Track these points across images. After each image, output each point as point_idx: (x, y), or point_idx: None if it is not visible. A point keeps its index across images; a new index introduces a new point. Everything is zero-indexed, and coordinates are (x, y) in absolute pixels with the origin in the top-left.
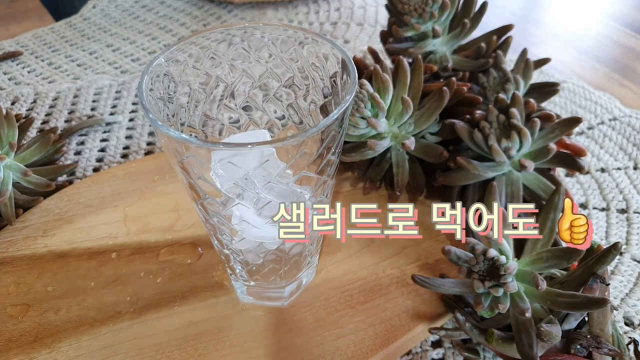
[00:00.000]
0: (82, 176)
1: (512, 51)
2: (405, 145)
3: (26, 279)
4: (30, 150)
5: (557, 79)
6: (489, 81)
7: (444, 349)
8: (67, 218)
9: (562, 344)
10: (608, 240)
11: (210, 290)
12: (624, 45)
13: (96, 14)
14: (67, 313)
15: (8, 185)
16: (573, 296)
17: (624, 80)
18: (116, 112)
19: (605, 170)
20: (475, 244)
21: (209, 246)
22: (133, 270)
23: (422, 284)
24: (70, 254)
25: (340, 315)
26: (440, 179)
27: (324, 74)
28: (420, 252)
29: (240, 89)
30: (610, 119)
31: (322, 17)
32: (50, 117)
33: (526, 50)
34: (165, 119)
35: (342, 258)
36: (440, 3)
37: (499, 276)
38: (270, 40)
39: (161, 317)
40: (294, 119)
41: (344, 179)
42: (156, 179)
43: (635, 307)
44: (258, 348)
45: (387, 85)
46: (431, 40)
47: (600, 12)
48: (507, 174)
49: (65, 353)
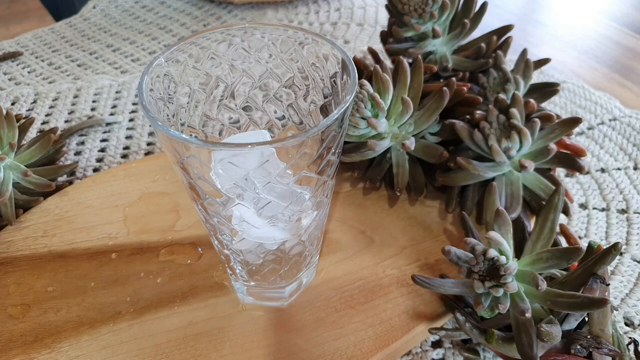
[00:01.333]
0: (82, 176)
1: (512, 51)
2: (405, 145)
3: (26, 279)
4: (30, 150)
5: (557, 79)
6: (489, 81)
7: (444, 349)
8: (67, 218)
9: (562, 344)
10: (608, 240)
11: (210, 290)
12: (624, 46)
13: (96, 14)
14: (67, 313)
15: (8, 185)
16: (573, 296)
17: (623, 80)
18: (116, 113)
19: (605, 170)
20: (475, 244)
21: (209, 246)
22: (133, 271)
23: (422, 284)
24: (71, 254)
25: (340, 316)
26: (440, 179)
27: (324, 74)
28: (420, 252)
29: (240, 89)
30: (610, 119)
31: (322, 18)
32: (50, 117)
33: (526, 50)
34: (165, 119)
35: (342, 258)
36: (440, 3)
37: (499, 276)
38: (270, 40)
39: (161, 318)
40: (294, 119)
41: (344, 180)
42: (156, 179)
43: (635, 308)
44: (258, 348)
45: (387, 86)
46: (431, 40)
47: (600, 12)
48: (507, 174)
49: (66, 353)
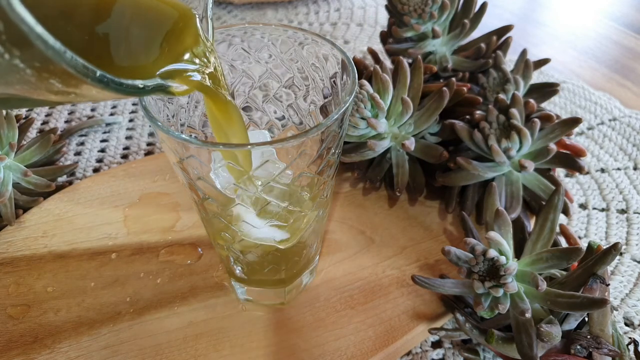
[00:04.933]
0: (82, 177)
1: (512, 51)
2: (405, 145)
3: (26, 280)
4: (30, 150)
5: (557, 79)
6: (488, 81)
7: (444, 349)
8: (67, 218)
9: (562, 345)
10: (608, 240)
11: (210, 290)
12: (624, 46)
13: None
14: (67, 314)
15: (8, 185)
16: (573, 296)
17: (623, 80)
18: (116, 113)
19: (605, 170)
20: (475, 245)
21: (209, 247)
22: (133, 271)
23: (422, 284)
24: (70, 255)
25: (340, 316)
26: (440, 179)
27: (323, 75)
28: (420, 252)
29: (240, 89)
30: (610, 119)
31: (322, 18)
32: (50, 117)
33: (526, 50)
34: (165, 119)
35: (342, 259)
36: (440, 3)
37: (498, 276)
38: (270, 40)
39: (161, 318)
40: (294, 119)
41: (344, 180)
42: (156, 180)
43: (635, 308)
44: (258, 348)
45: (387, 86)
46: (431, 40)
47: (600, 12)
48: (507, 175)
49: (65, 354)
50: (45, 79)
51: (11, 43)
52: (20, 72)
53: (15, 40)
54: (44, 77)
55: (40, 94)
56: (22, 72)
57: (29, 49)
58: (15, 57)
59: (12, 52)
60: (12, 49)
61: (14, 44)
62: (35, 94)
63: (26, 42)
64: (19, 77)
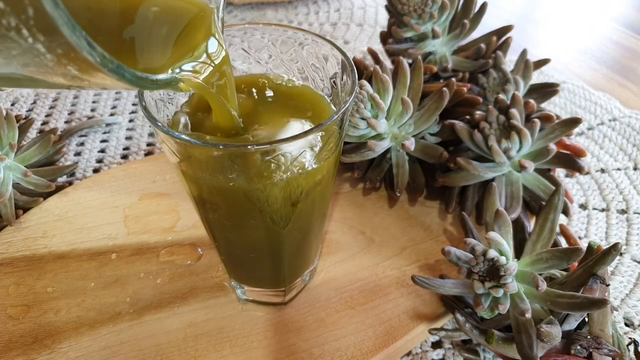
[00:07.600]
0: (82, 177)
1: (512, 52)
2: (405, 146)
3: (26, 280)
4: (30, 151)
5: (557, 79)
6: (488, 82)
7: (444, 349)
8: (67, 219)
9: (562, 345)
10: (608, 240)
11: (210, 291)
12: (624, 46)
13: None
14: (67, 314)
15: (8, 186)
16: (573, 297)
17: (623, 80)
18: (116, 113)
19: (605, 170)
20: (475, 245)
21: (209, 247)
22: (133, 271)
23: (422, 284)
24: (70, 255)
25: (340, 316)
26: (440, 179)
27: (323, 75)
28: (420, 252)
29: None
30: (610, 119)
31: (322, 18)
32: (50, 117)
33: (526, 50)
34: (166, 119)
35: (342, 259)
36: (440, 4)
37: (498, 277)
38: (270, 41)
39: (161, 318)
40: None
41: (344, 180)
42: (156, 180)
43: (635, 308)
44: (258, 349)
45: (387, 86)
46: (431, 41)
47: (599, 12)
48: (507, 175)
49: (65, 354)
50: (63, 65)
51: (37, 29)
52: (40, 56)
53: (42, 26)
54: (63, 62)
55: (55, 78)
56: (42, 56)
57: (54, 36)
58: (39, 42)
59: (37, 37)
60: (37, 34)
61: (40, 30)
62: (49, 77)
63: (53, 29)
64: (37, 61)
